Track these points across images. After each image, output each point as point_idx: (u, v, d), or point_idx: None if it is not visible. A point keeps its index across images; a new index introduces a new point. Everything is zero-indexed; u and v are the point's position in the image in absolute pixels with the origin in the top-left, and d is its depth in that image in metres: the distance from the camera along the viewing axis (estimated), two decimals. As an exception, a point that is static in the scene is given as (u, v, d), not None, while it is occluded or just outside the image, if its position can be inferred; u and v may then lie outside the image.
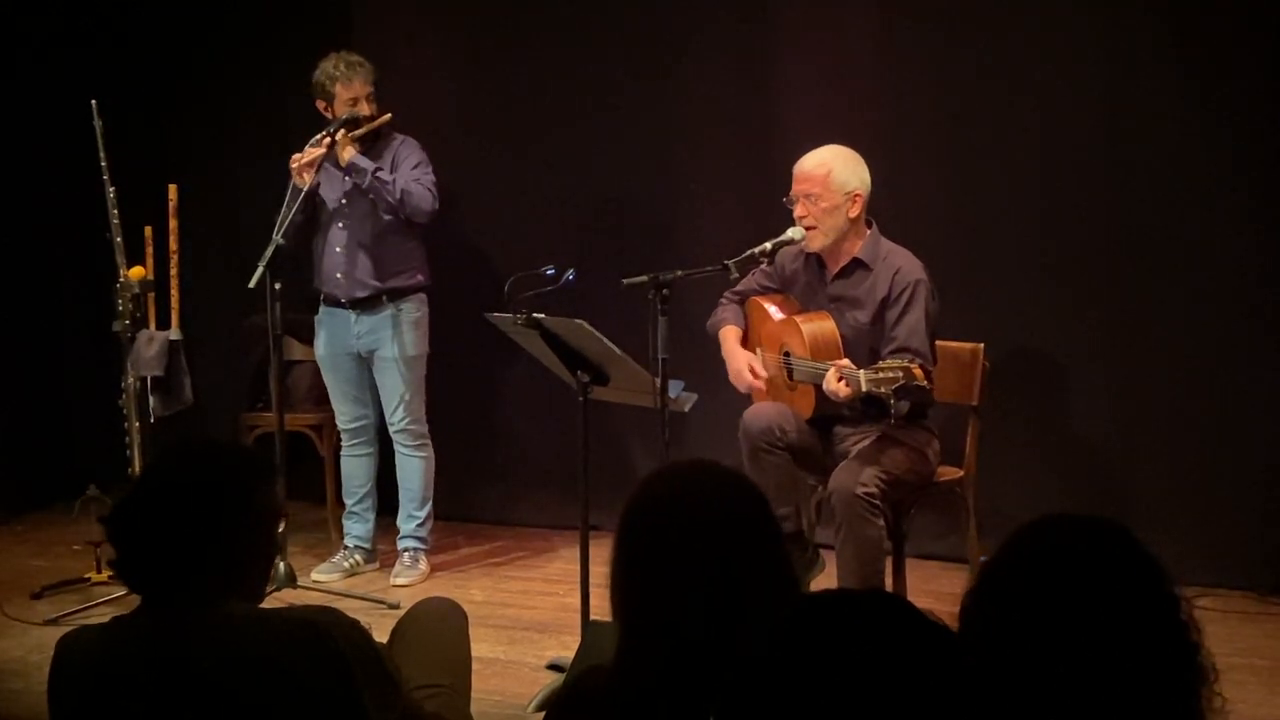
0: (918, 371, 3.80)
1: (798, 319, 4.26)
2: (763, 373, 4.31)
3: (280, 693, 2.16)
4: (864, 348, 4.18)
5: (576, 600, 4.09)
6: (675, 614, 1.89)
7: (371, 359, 5.11)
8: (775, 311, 4.39)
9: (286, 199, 4.82)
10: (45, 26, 6.07)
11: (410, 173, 4.98)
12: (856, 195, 4.21)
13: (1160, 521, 4.74)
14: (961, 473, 4.39)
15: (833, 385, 3.91)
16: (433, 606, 2.96)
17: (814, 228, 4.21)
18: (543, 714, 3.57)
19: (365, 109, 4.95)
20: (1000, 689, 1.66)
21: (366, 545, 5.26)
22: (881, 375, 3.78)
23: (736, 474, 2.07)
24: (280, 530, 2.40)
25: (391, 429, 5.15)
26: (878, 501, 4.02)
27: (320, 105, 5.00)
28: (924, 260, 4.25)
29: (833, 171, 4.19)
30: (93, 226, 5.22)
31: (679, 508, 1.95)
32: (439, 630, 2.82)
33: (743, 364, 4.35)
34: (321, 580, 5.08)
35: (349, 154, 4.91)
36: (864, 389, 3.80)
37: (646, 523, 1.97)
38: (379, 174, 4.91)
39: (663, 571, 1.92)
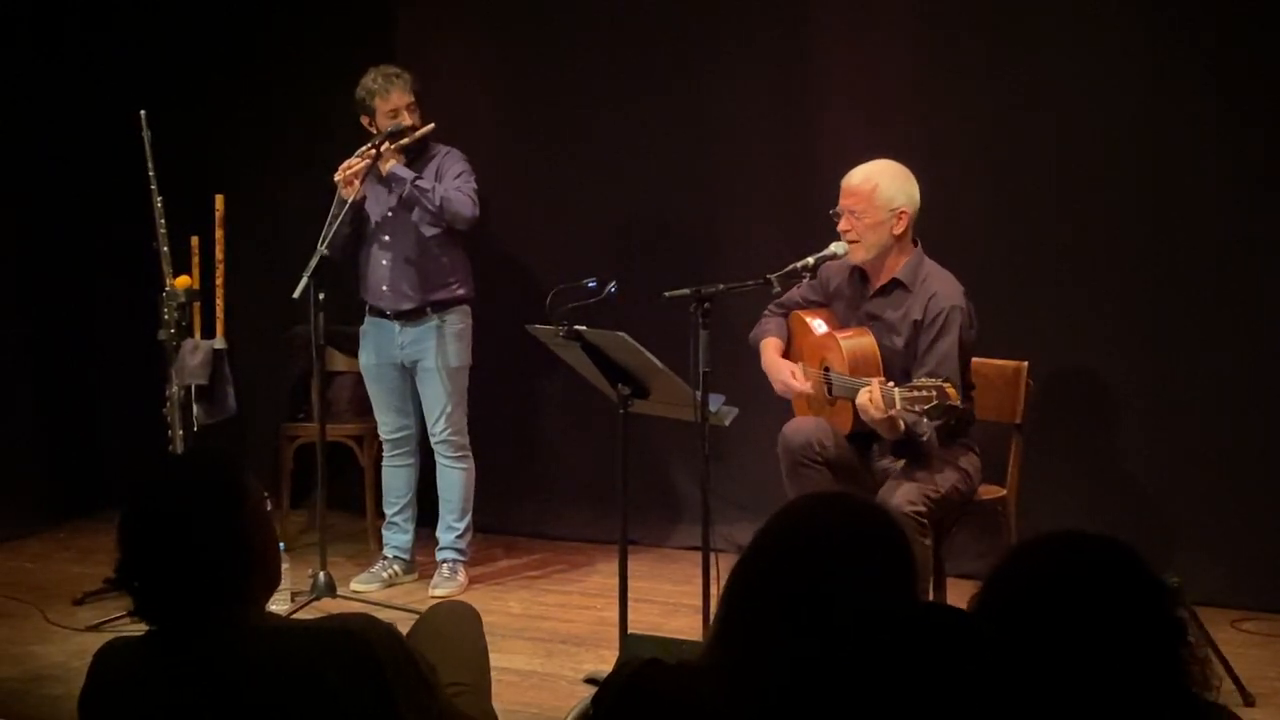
0: (951, 391, 3.77)
1: (838, 334, 4.24)
2: (803, 380, 4.30)
3: (316, 702, 2.16)
4: (897, 369, 4.15)
5: (614, 614, 4.08)
6: (794, 638, 1.85)
7: (415, 370, 5.13)
8: (818, 326, 4.38)
9: (332, 210, 4.85)
10: (94, 39, 6.14)
11: (453, 182, 5.01)
12: (902, 212, 4.18)
13: (1205, 544, 4.70)
14: (1003, 491, 4.36)
15: (863, 401, 3.89)
16: (446, 608, 3.00)
17: (856, 241, 4.20)
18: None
19: (407, 119, 4.97)
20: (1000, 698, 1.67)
21: (406, 556, 5.27)
22: (915, 395, 3.77)
23: (884, 511, 2.03)
24: (269, 509, 2.38)
25: (433, 440, 5.16)
26: (924, 520, 4.00)
27: (364, 121, 5.03)
28: (967, 277, 4.23)
29: (879, 188, 4.17)
30: (140, 236, 5.26)
31: (819, 537, 1.93)
32: (455, 631, 2.82)
33: (785, 374, 4.34)
34: (360, 590, 5.10)
35: (390, 164, 4.93)
36: (898, 406, 3.79)
37: (783, 545, 1.94)
38: (419, 183, 4.94)
39: (789, 596, 1.88)
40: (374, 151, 4.89)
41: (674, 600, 4.94)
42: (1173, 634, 1.72)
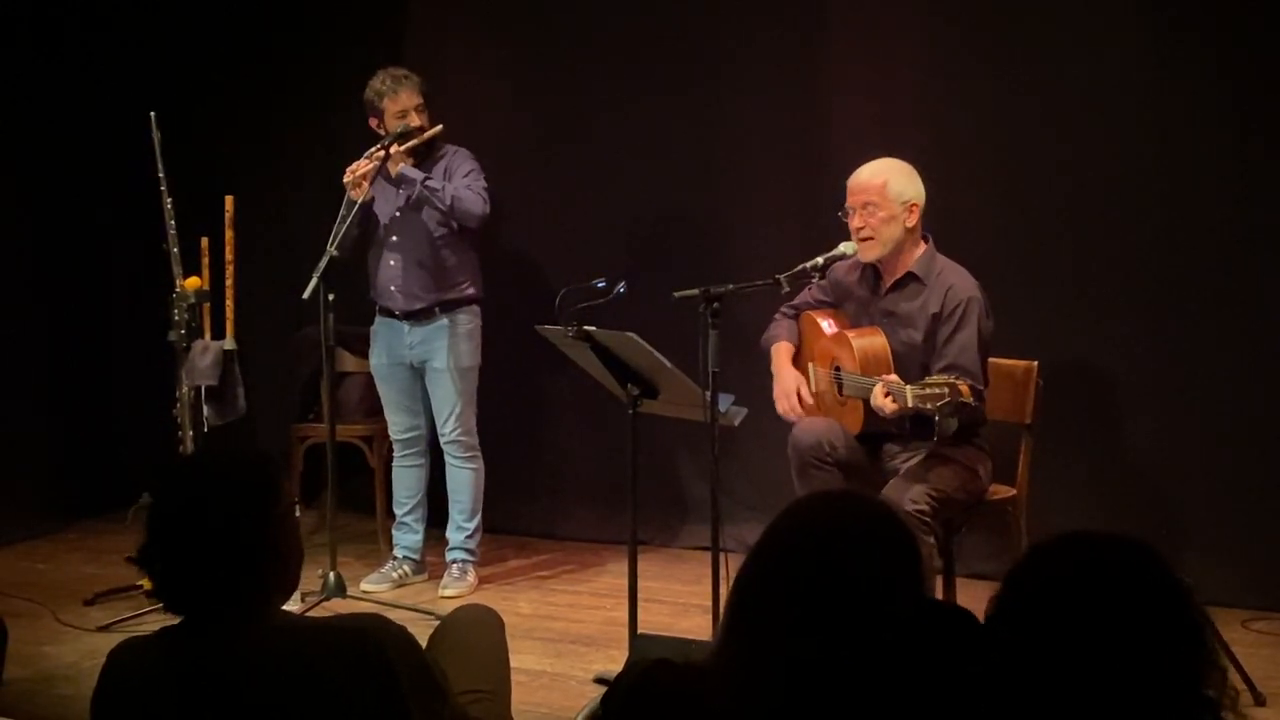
0: (964, 389, 3.78)
1: (849, 334, 4.24)
2: (809, 399, 4.29)
3: (327, 703, 2.16)
4: (916, 364, 4.15)
5: (624, 614, 4.09)
6: (800, 637, 1.85)
7: (424, 370, 5.14)
8: (828, 327, 4.38)
9: (341, 211, 4.86)
10: (104, 40, 6.15)
11: (462, 180, 5.02)
12: (913, 205, 4.19)
13: (1215, 543, 4.69)
14: (1013, 492, 4.35)
15: (879, 400, 3.90)
16: (469, 613, 2.97)
17: (871, 238, 4.19)
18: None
19: (415, 120, 4.98)
20: (1017, 698, 1.66)
21: (415, 556, 5.27)
22: (928, 392, 3.77)
23: (891, 510, 2.03)
24: (298, 516, 2.39)
25: (442, 440, 5.17)
26: (928, 519, 3.99)
27: (373, 123, 5.04)
28: (977, 277, 4.23)
29: (889, 182, 4.18)
30: (149, 237, 5.27)
31: (825, 535, 1.92)
32: (477, 637, 2.82)
33: (791, 386, 4.33)
34: (370, 590, 5.11)
35: (399, 166, 4.94)
36: (910, 404, 3.79)
37: (789, 544, 1.94)
38: (428, 183, 4.94)
39: (795, 596, 1.87)
40: (382, 153, 4.89)
41: (684, 600, 4.94)
42: (1193, 635, 1.71)
